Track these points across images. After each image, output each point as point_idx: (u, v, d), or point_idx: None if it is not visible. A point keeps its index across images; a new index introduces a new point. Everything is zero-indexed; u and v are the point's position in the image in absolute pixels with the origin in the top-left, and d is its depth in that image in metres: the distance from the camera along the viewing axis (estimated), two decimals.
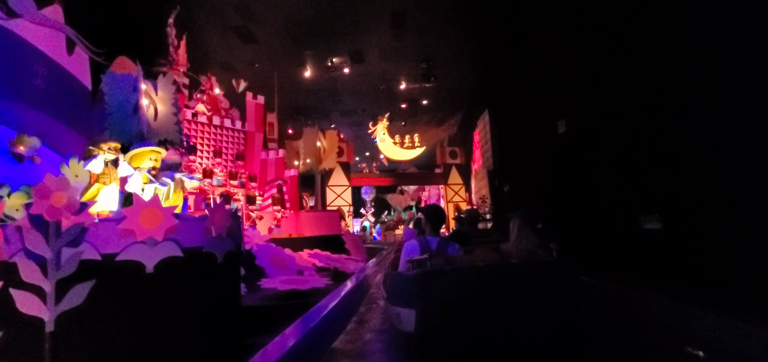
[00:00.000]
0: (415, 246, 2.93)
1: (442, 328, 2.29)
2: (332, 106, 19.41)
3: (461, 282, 2.32)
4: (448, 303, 2.29)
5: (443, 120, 21.82)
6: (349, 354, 2.60)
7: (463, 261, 2.62)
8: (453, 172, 21.05)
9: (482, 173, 15.97)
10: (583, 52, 6.24)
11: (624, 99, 5.14)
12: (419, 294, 2.41)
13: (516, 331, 2.21)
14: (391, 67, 16.64)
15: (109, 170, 3.10)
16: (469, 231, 4.61)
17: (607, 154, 5.65)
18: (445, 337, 2.27)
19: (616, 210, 5.43)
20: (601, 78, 5.79)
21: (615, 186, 5.44)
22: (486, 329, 2.21)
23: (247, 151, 9.44)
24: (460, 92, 18.11)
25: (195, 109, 8.43)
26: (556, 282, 2.40)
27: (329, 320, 2.80)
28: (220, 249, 3.23)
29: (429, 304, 2.35)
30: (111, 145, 3.14)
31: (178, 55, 8.71)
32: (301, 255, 6.54)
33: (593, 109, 6.01)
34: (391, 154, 20.26)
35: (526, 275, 2.37)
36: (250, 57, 14.40)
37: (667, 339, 2.70)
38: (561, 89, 7.29)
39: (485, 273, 2.35)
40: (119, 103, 4.72)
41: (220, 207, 3.30)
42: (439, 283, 2.34)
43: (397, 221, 22.54)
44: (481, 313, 2.22)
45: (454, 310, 2.27)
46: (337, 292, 3.55)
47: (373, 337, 2.98)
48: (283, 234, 8.06)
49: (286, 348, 2.05)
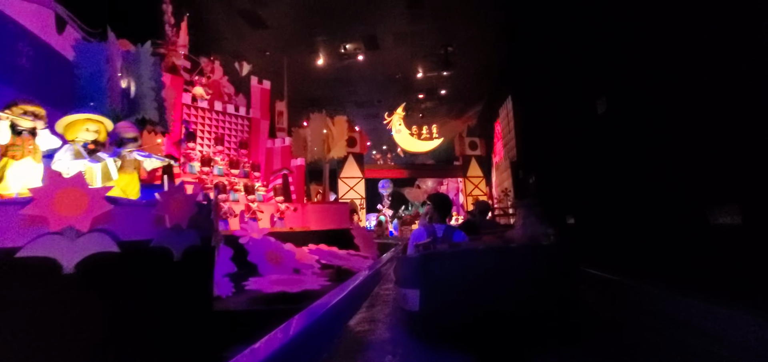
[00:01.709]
0: (422, 233, 3.07)
1: (443, 306, 2.41)
2: (347, 96, 18.72)
3: (461, 263, 2.43)
4: (449, 282, 2.40)
5: (463, 111, 20.78)
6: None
7: (466, 246, 2.72)
8: (473, 163, 20.00)
9: (504, 165, 14.97)
10: (632, 13, 5.27)
11: (689, 62, 4.18)
12: (422, 275, 2.54)
13: (511, 308, 2.27)
14: (407, 53, 15.78)
15: (22, 141, 2.49)
16: (478, 222, 4.68)
17: (662, 132, 4.70)
18: (446, 314, 2.40)
19: (674, 201, 4.49)
20: (655, 42, 4.83)
21: (673, 171, 4.50)
22: (483, 306, 2.29)
23: (251, 139, 8.86)
24: (480, 80, 17.06)
25: (193, 91, 7.88)
26: (551, 263, 2.47)
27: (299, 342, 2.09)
28: (177, 244, 2.56)
29: (431, 284, 2.48)
30: (27, 107, 2.51)
31: (177, 36, 8.18)
32: (302, 251, 5.88)
33: (646, 79, 5.05)
34: (408, 146, 19.43)
35: (522, 256, 2.44)
36: (260, 43, 13.86)
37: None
38: (601, 62, 6.33)
39: (484, 254, 2.44)
40: (90, 75, 4.17)
41: (177, 190, 2.63)
42: (441, 264, 2.48)
43: (414, 216, 21.72)
44: (480, 292, 2.31)
45: (454, 289, 2.38)
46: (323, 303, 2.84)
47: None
48: (286, 228, 7.43)
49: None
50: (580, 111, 7.25)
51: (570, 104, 7.70)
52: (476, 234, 3.43)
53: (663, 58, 4.71)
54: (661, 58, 4.74)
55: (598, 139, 6.45)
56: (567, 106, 7.85)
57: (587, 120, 6.86)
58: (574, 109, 7.58)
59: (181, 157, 7.63)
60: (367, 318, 3.24)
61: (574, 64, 7.32)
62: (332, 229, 8.18)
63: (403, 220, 21.24)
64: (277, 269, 4.92)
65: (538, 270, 2.37)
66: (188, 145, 7.63)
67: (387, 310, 3.40)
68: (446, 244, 2.72)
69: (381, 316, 3.25)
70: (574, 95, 7.48)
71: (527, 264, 2.37)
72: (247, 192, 7.04)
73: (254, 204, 7.12)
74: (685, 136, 4.23)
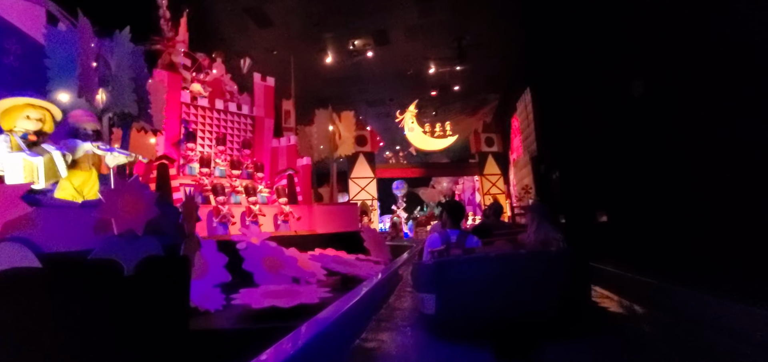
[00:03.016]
0: (437, 239, 3.14)
1: (458, 310, 2.52)
2: (357, 94, 18.21)
3: (473, 269, 2.54)
4: (462, 288, 2.50)
5: (477, 107, 19.98)
6: None
7: (479, 252, 2.88)
8: (489, 160, 19.17)
9: (523, 161, 14.20)
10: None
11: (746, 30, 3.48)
12: (438, 281, 2.65)
13: (522, 312, 2.35)
14: (419, 47, 15.17)
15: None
16: (491, 224, 4.67)
17: (712, 118, 4.00)
18: (460, 317, 2.50)
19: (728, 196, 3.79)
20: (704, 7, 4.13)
21: (727, 161, 3.79)
22: (496, 310, 2.38)
23: (255, 138, 8.42)
24: (496, 73, 16.28)
25: (190, 88, 7.47)
26: (561, 268, 2.52)
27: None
28: (128, 255, 2.05)
29: (446, 289, 2.58)
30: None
31: (176, 32, 7.81)
32: (305, 258, 5.36)
33: (692, 53, 4.34)
34: (421, 144, 18.77)
35: (533, 263, 2.52)
36: (267, 42, 13.50)
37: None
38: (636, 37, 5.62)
39: (496, 261, 2.53)
40: (62, 61, 3.74)
41: (129, 187, 2.13)
42: (455, 271, 2.59)
43: (429, 216, 21.02)
44: (492, 296, 2.39)
45: (467, 294, 2.47)
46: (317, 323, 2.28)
47: None
48: (291, 231, 6.94)
49: None
50: (609, 96, 6.54)
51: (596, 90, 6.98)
52: (490, 236, 3.57)
53: (716, 26, 4.01)
54: (713, 26, 4.04)
55: (635, 126, 5.74)
56: (593, 93, 7.13)
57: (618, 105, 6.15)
58: (601, 94, 6.86)
59: (180, 158, 7.23)
60: (371, 342, 2.67)
61: (602, 44, 6.61)
62: (340, 232, 7.64)
63: (418, 221, 20.55)
64: (275, 278, 4.41)
65: (548, 276, 2.44)
66: (188, 146, 7.22)
67: (400, 336, 2.82)
68: (460, 250, 2.90)
69: (392, 340, 2.68)
70: (603, 80, 6.77)
71: (537, 270, 2.45)
72: (248, 194, 6.57)
73: (256, 207, 6.64)
74: (737, 122, 3.53)
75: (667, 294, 3.08)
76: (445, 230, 3.22)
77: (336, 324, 2.34)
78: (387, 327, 3.03)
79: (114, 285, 2.01)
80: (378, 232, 8.32)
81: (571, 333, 2.51)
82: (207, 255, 4.40)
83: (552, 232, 3.05)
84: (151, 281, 2.24)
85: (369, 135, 18.82)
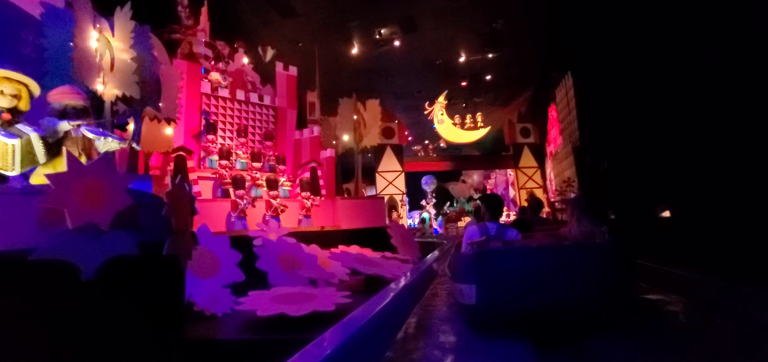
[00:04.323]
0: (476, 231, 3.11)
1: (498, 299, 2.49)
2: (384, 86, 17.65)
3: (514, 260, 2.52)
4: (503, 278, 2.49)
5: (510, 98, 18.93)
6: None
7: (520, 244, 2.89)
8: (525, 153, 18.08)
9: (564, 152, 13.17)
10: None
11: None
12: (478, 271, 2.64)
13: (565, 304, 2.30)
14: (449, 35, 14.40)
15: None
16: (531, 219, 4.62)
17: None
18: (501, 306, 2.47)
19: None
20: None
21: None
22: (537, 301, 2.34)
23: (277, 130, 8.09)
24: (531, 59, 15.22)
25: (209, 77, 7.20)
26: (605, 260, 2.49)
27: None
28: (88, 254, 1.63)
29: (487, 280, 2.56)
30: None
31: (196, 21, 7.58)
32: (325, 256, 4.91)
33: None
34: (451, 137, 17.98)
35: (576, 254, 2.49)
36: (292, 34, 13.22)
37: None
38: None
39: (537, 252, 2.50)
40: (61, 43, 3.47)
41: (92, 169, 1.70)
42: (494, 261, 2.59)
43: (459, 212, 20.22)
44: (533, 288, 2.35)
45: (508, 284, 2.45)
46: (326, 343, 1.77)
47: None
48: (314, 227, 6.53)
49: None
50: (677, 72, 5.65)
51: (659, 66, 6.08)
52: (530, 231, 3.51)
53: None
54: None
55: (707, 107, 4.87)
56: (654, 69, 6.23)
57: (690, 82, 5.27)
58: (665, 71, 5.97)
59: (200, 150, 6.99)
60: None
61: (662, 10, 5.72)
62: (366, 228, 7.17)
63: (448, 217, 19.80)
64: (291, 278, 3.97)
65: (591, 268, 2.40)
66: (208, 138, 6.96)
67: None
68: (499, 242, 2.89)
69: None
70: (665, 54, 5.87)
71: (581, 262, 2.40)
72: (268, 188, 6.21)
73: (276, 201, 6.27)
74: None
75: (740, 298, 2.85)
76: (484, 222, 3.18)
77: (345, 348, 1.83)
78: (418, 338, 2.50)
79: (68, 292, 1.59)
80: (406, 228, 7.77)
81: (615, 326, 2.50)
82: (219, 253, 4.04)
83: (594, 225, 2.97)
84: (121, 287, 1.81)
85: (397, 127, 18.22)
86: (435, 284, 4.78)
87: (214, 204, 6.05)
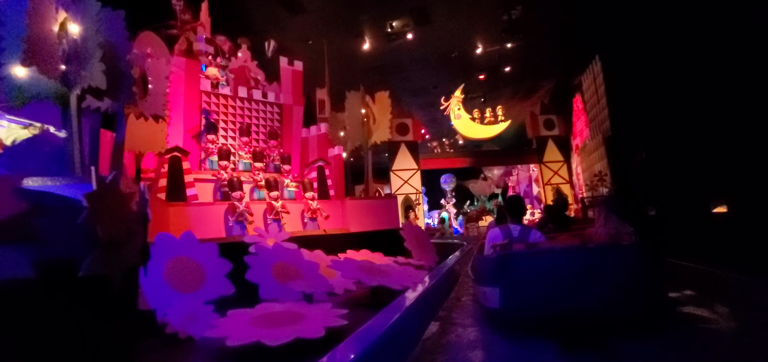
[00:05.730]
0: (498, 234, 3.10)
1: (523, 302, 2.47)
2: (399, 83, 17.02)
3: (539, 263, 2.50)
4: (528, 281, 2.46)
5: (532, 90, 17.94)
6: None
7: (543, 246, 2.78)
8: (550, 146, 17.07)
9: (594, 144, 12.23)
10: None
11: None
12: (502, 274, 2.64)
13: (592, 306, 2.25)
14: (464, 25, 13.66)
15: None
16: (555, 219, 4.48)
17: None
18: (526, 311, 2.46)
19: None
20: None
21: None
22: (563, 304, 2.29)
23: (282, 128, 7.63)
24: (553, 47, 14.26)
25: (206, 73, 6.80)
26: (631, 262, 2.45)
27: None
28: None
29: (511, 282, 2.56)
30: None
31: (193, 15, 7.21)
32: (327, 263, 4.37)
33: None
34: (469, 132, 17.17)
35: (601, 256, 2.44)
36: (301, 30, 12.80)
37: None
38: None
39: (563, 254, 2.48)
40: (18, 25, 3.05)
41: None
42: (520, 263, 2.59)
43: (480, 211, 19.35)
44: (559, 290, 2.31)
45: (533, 287, 2.43)
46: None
47: None
48: (319, 230, 6.01)
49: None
50: (727, 48, 4.86)
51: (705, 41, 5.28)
52: (555, 232, 3.52)
53: None
54: None
55: None
56: (699, 46, 5.42)
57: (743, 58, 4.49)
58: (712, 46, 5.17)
59: (201, 151, 6.59)
60: None
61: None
62: (378, 230, 6.59)
63: (468, 216, 18.97)
64: (283, 292, 3.44)
65: (617, 271, 2.34)
66: (208, 138, 6.55)
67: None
68: (523, 245, 2.83)
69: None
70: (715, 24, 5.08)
71: (607, 265, 2.35)
72: (269, 189, 5.73)
73: (278, 203, 5.78)
74: None
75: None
76: (507, 225, 3.14)
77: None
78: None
79: None
80: (421, 230, 7.15)
81: (643, 330, 2.43)
82: (204, 262, 3.55)
83: (621, 226, 2.94)
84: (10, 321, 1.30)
85: (411, 123, 17.56)
86: (458, 288, 4.18)
87: (213, 208, 5.61)
